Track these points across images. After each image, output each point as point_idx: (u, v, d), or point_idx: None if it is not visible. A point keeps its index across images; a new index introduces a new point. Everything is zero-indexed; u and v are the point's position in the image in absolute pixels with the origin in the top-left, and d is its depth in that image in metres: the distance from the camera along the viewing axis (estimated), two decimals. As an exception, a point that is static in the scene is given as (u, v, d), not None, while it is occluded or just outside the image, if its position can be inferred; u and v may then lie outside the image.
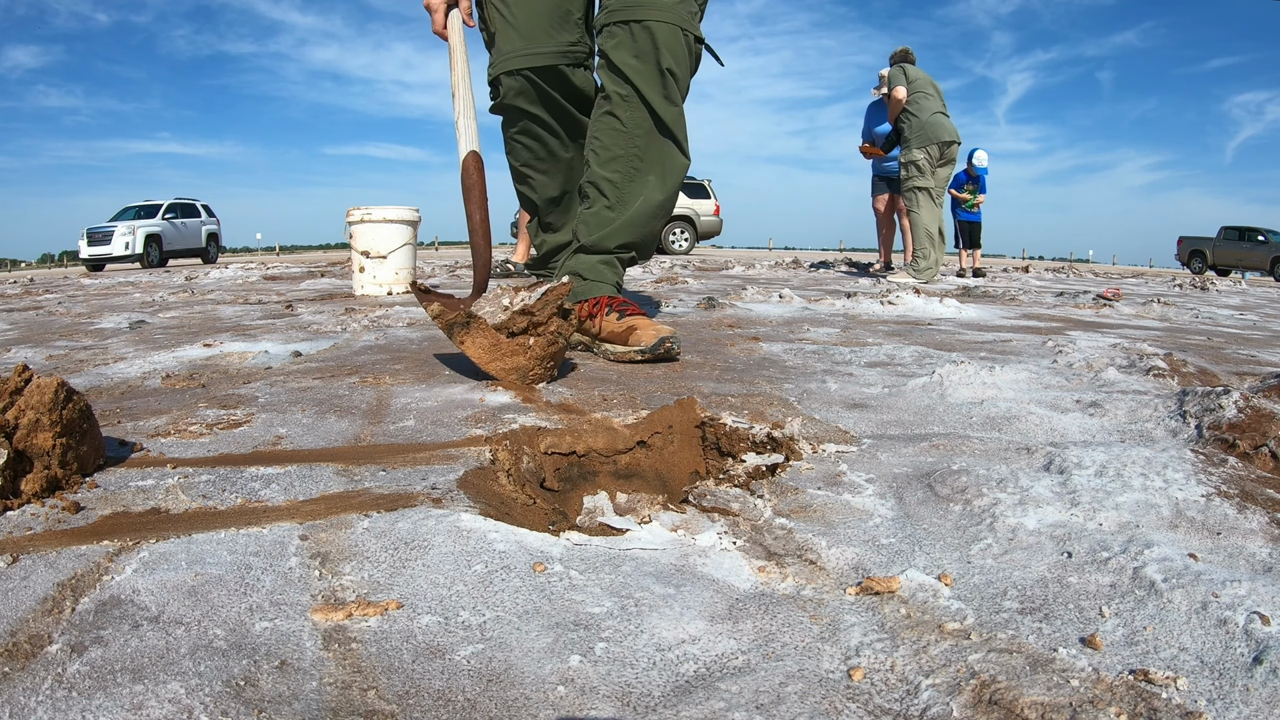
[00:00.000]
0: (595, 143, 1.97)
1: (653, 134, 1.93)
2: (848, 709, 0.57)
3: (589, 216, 2.00)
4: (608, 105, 1.94)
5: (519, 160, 2.25)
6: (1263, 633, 0.63)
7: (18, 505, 0.89)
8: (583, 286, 1.99)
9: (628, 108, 1.91)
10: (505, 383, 1.58)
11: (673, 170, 1.99)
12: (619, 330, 1.90)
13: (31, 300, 4.11)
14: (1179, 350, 2.08)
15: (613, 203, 1.97)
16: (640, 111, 1.91)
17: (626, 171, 1.94)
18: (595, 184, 1.99)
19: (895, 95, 5.94)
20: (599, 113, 1.97)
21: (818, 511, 0.94)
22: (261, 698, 0.56)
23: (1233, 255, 19.96)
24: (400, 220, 3.97)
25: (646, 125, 1.92)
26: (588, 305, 1.95)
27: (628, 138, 1.93)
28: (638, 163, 1.94)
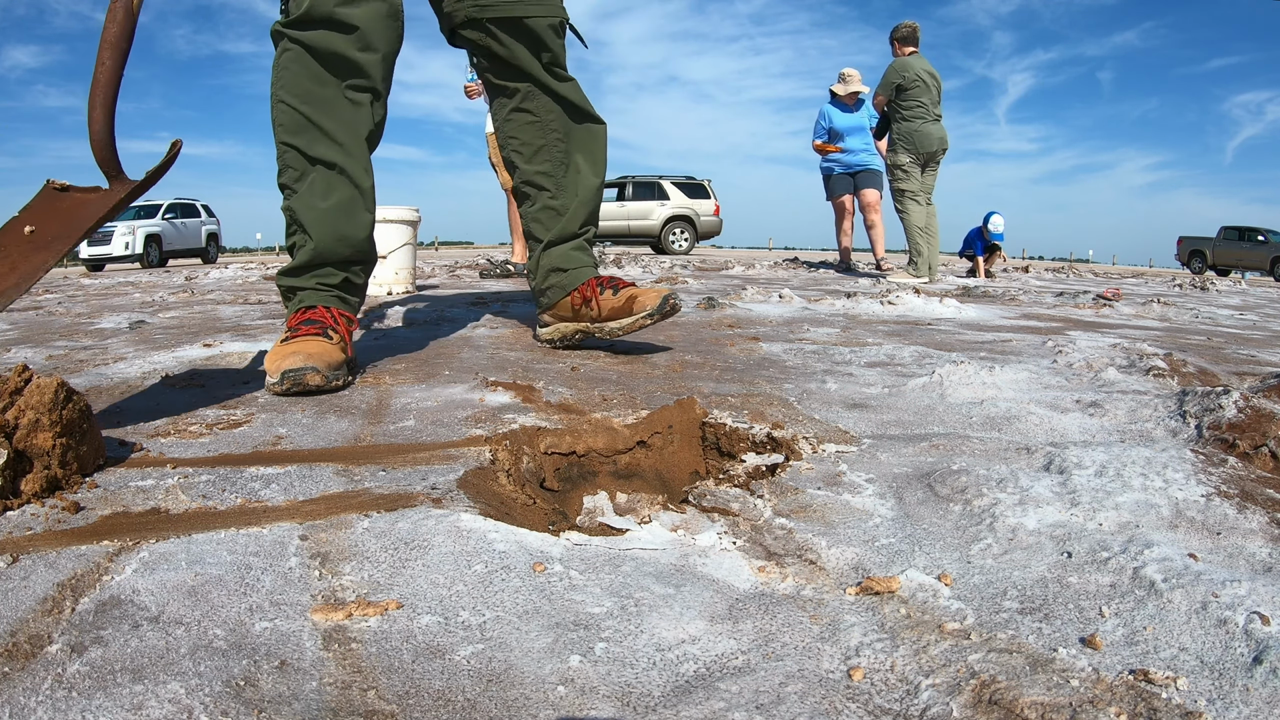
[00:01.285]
0: (514, 142, 1.97)
1: (563, 116, 1.93)
2: (848, 709, 0.57)
3: (538, 214, 1.99)
4: (512, 102, 1.93)
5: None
6: (1263, 633, 0.63)
7: (18, 505, 0.89)
8: (566, 278, 1.95)
9: (533, 100, 1.91)
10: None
11: (596, 143, 2.00)
12: (620, 304, 1.89)
13: (31, 300, 4.11)
14: (1179, 350, 2.08)
15: (555, 193, 1.97)
16: (544, 99, 1.91)
17: (556, 159, 1.95)
18: (530, 182, 1.98)
19: (876, 102, 6.00)
20: (504, 112, 1.96)
21: (818, 511, 0.94)
22: (261, 698, 0.56)
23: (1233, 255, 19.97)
24: (400, 220, 3.97)
25: (556, 110, 1.92)
26: (579, 293, 1.93)
27: (542, 127, 1.93)
28: (562, 146, 1.95)
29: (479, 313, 3.00)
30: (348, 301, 1.79)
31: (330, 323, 1.64)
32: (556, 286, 1.98)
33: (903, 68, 5.74)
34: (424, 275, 5.38)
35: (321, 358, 1.50)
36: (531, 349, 2.10)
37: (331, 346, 1.56)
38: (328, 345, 1.55)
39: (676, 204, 16.40)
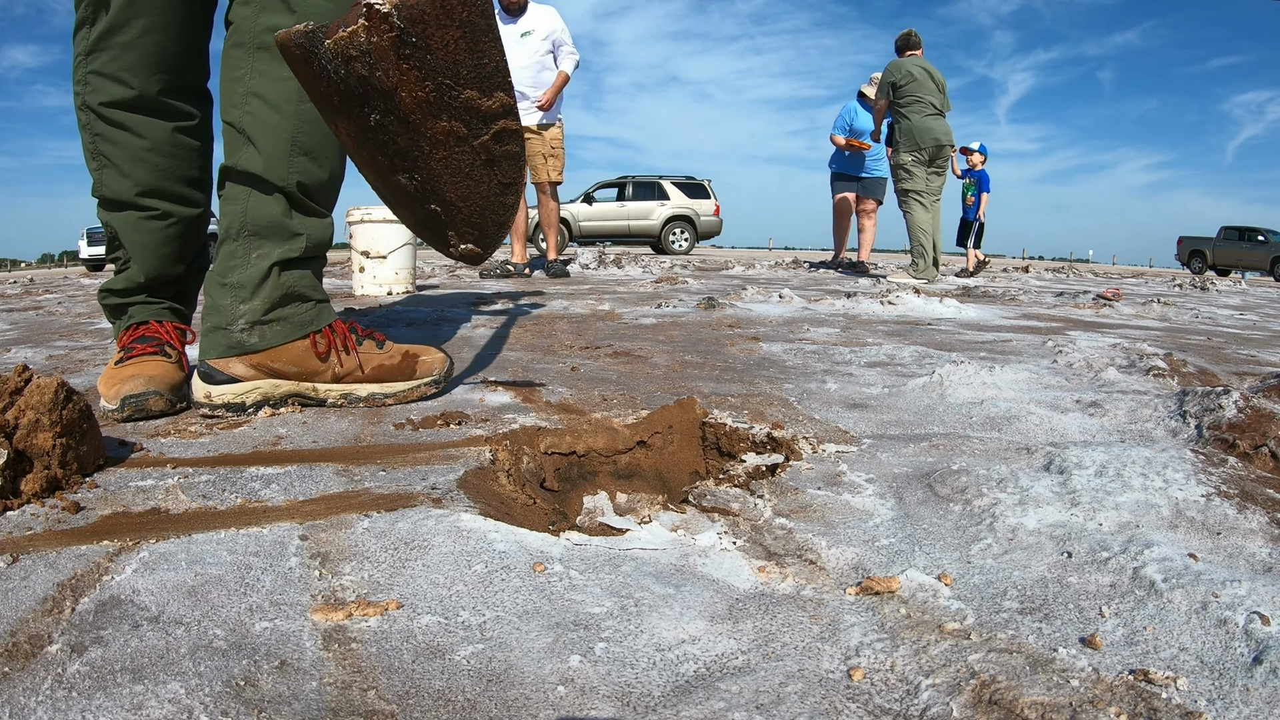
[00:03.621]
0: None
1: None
2: (848, 709, 0.57)
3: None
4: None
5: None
6: (1263, 633, 0.63)
7: (18, 505, 0.89)
8: (308, 312, 1.41)
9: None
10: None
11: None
12: (396, 363, 1.45)
13: (31, 300, 4.11)
14: (1179, 350, 2.08)
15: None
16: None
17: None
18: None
19: (877, 106, 5.98)
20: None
21: (818, 511, 0.94)
22: (261, 698, 0.56)
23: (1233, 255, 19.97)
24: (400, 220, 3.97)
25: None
26: (324, 337, 1.41)
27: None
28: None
29: (479, 313, 3.01)
30: (180, 312, 1.59)
31: (166, 338, 1.48)
32: (289, 321, 1.37)
33: (895, 67, 5.72)
34: (424, 275, 5.38)
35: (163, 380, 1.37)
36: (531, 349, 2.10)
37: (171, 366, 1.43)
38: (167, 365, 1.42)
39: (676, 204, 16.41)
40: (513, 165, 1.11)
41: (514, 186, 1.14)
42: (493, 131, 1.06)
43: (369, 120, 1.05)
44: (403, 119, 1.04)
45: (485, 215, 1.16)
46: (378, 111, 1.04)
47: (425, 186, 1.12)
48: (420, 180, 1.11)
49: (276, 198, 1.37)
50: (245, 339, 1.35)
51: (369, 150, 1.11)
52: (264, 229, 1.36)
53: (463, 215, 1.15)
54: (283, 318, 1.37)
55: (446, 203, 1.13)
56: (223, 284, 1.35)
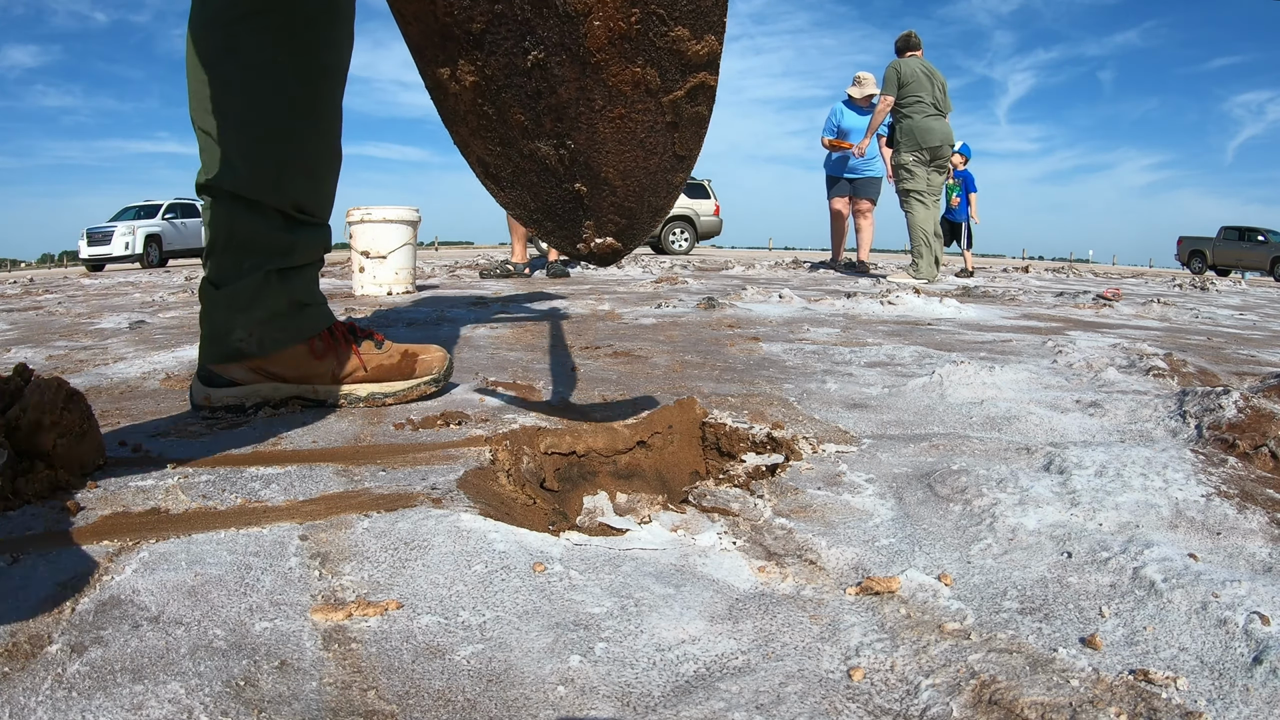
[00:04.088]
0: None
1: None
2: (848, 709, 0.57)
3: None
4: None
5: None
6: (1263, 633, 0.63)
7: (18, 505, 0.89)
8: (308, 315, 1.39)
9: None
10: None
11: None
12: (395, 363, 1.44)
13: (31, 300, 4.11)
14: (1179, 350, 2.08)
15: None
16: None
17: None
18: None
19: (882, 103, 5.93)
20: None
21: (818, 511, 0.94)
22: (261, 698, 0.56)
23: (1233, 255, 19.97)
24: (400, 220, 3.97)
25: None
26: (322, 340, 1.39)
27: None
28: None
29: (479, 313, 3.01)
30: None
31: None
32: (287, 327, 1.35)
33: (898, 65, 5.73)
34: (424, 275, 5.38)
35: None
36: (531, 349, 2.10)
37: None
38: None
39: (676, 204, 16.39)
40: (696, 133, 0.92)
41: (688, 161, 0.95)
42: (688, 86, 0.86)
43: (522, 60, 0.83)
44: (580, 59, 0.83)
45: (643, 198, 0.95)
46: (543, 47, 0.82)
47: (577, 157, 0.91)
48: (574, 148, 0.90)
49: (270, 216, 1.30)
50: (244, 347, 1.33)
51: (503, 103, 0.87)
52: (255, 243, 1.30)
53: (615, 197, 0.94)
54: (281, 324, 1.34)
55: (599, 180, 0.92)
56: (217, 292, 1.31)
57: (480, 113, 0.90)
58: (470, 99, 0.89)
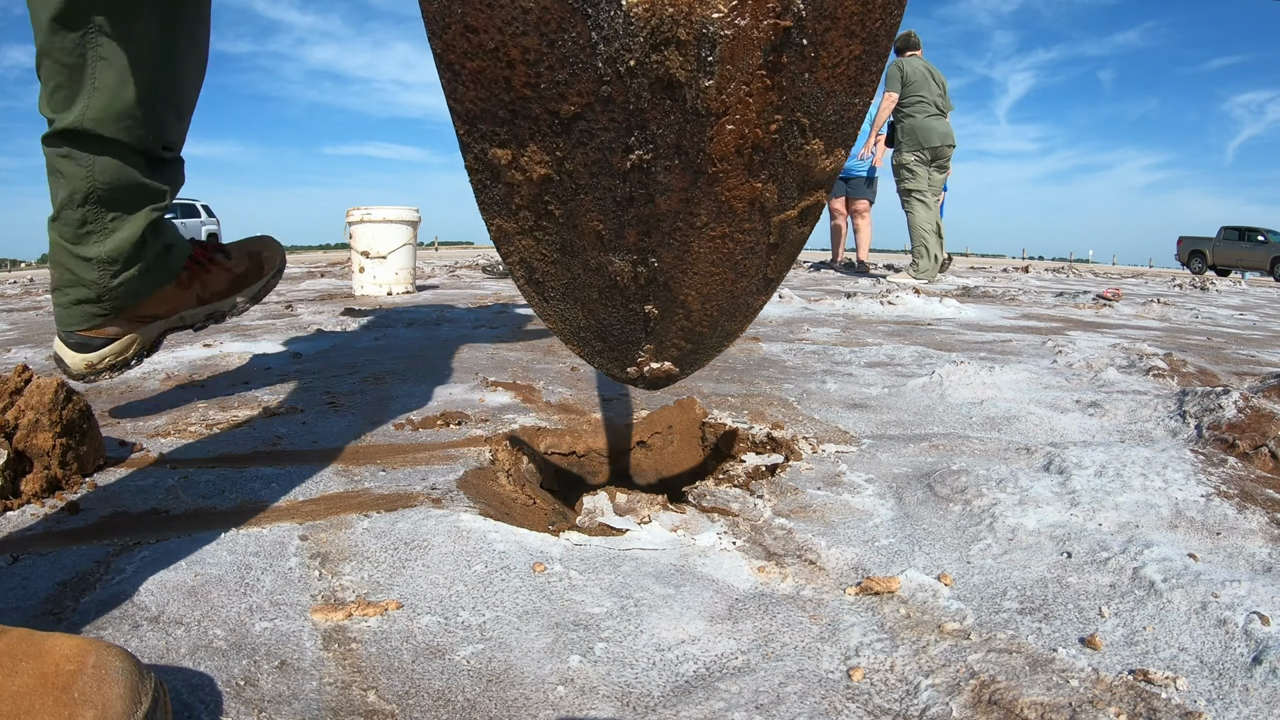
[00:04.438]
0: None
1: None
2: (847, 709, 0.57)
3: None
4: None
5: None
6: (1262, 633, 0.63)
7: (18, 505, 0.89)
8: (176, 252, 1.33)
9: None
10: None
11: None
12: (246, 268, 1.43)
13: (31, 300, 4.11)
14: (1179, 350, 2.08)
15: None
16: None
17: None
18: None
19: (885, 101, 5.92)
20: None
21: (817, 511, 0.94)
22: (261, 698, 0.56)
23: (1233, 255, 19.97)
24: (400, 220, 3.97)
25: None
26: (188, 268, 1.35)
27: None
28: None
29: (479, 313, 3.01)
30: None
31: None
32: (157, 272, 1.28)
33: (900, 64, 5.72)
34: (424, 275, 5.38)
35: None
36: (531, 349, 2.10)
37: None
38: None
39: (676, 204, 16.40)
40: (793, 255, 0.80)
41: (776, 285, 0.82)
42: (803, 205, 0.75)
43: (620, 159, 0.66)
44: (695, 167, 0.68)
45: (719, 323, 0.82)
46: (651, 147, 0.66)
47: (657, 276, 0.76)
48: (656, 267, 0.75)
49: (134, 159, 1.15)
50: (120, 304, 1.23)
51: (578, 206, 0.70)
52: (120, 194, 1.15)
53: (688, 322, 0.81)
54: (158, 268, 1.27)
55: (675, 303, 0.78)
56: (83, 258, 1.17)
57: (543, 211, 0.72)
58: (533, 193, 0.70)
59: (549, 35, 0.59)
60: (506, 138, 0.66)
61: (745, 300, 0.80)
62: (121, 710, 0.46)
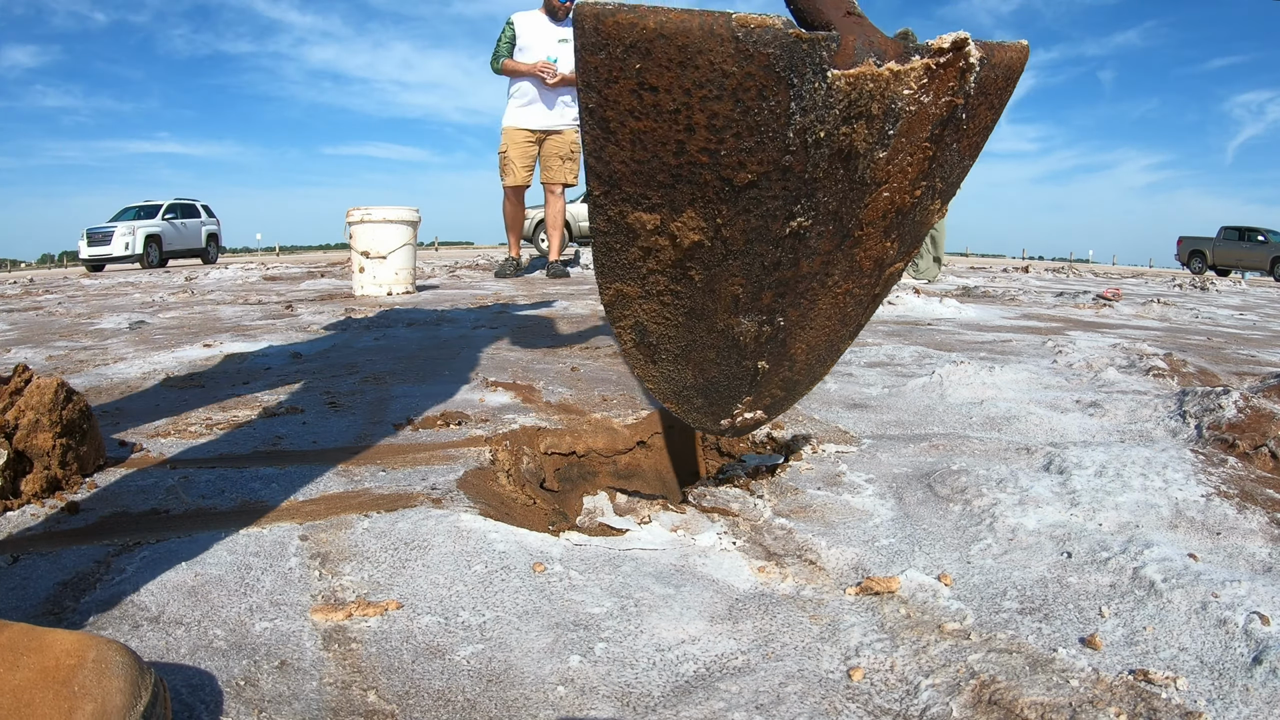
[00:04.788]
0: None
1: None
2: (847, 709, 0.57)
3: None
4: None
5: None
6: (1262, 633, 0.63)
7: (18, 505, 0.89)
8: None
9: None
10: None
11: None
12: None
13: (31, 300, 4.11)
14: (1179, 350, 2.08)
15: None
16: None
17: None
18: None
19: None
20: None
21: (817, 512, 0.94)
22: (261, 698, 0.56)
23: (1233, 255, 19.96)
24: (400, 220, 3.97)
25: None
26: None
27: None
28: None
29: (479, 313, 3.01)
30: None
31: None
32: None
33: None
34: (424, 275, 5.38)
35: None
36: (531, 349, 2.10)
37: None
38: None
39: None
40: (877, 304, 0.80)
41: (860, 330, 0.84)
42: (908, 259, 0.77)
43: (781, 225, 0.65)
44: (845, 231, 0.68)
45: (814, 369, 0.84)
46: (814, 214, 0.65)
47: (779, 334, 0.75)
48: (782, 325, 0.75)
49: None
50: None
51: (724, 271, 0.67)
52: None
53: (790, 372, 0.82)
54: None
55: (785, 356, 0.79)
56: None
57: (681, 276, 0.68)
58: (675, 258, 0.66)
59: (746, 102, 0.56)
60: (659, 202, 0.62)
61: (840, 346, 0.82)
62: (121, 704, 0.47)
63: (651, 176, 0.61)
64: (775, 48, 0.55)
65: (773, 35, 0.54)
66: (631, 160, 0.60)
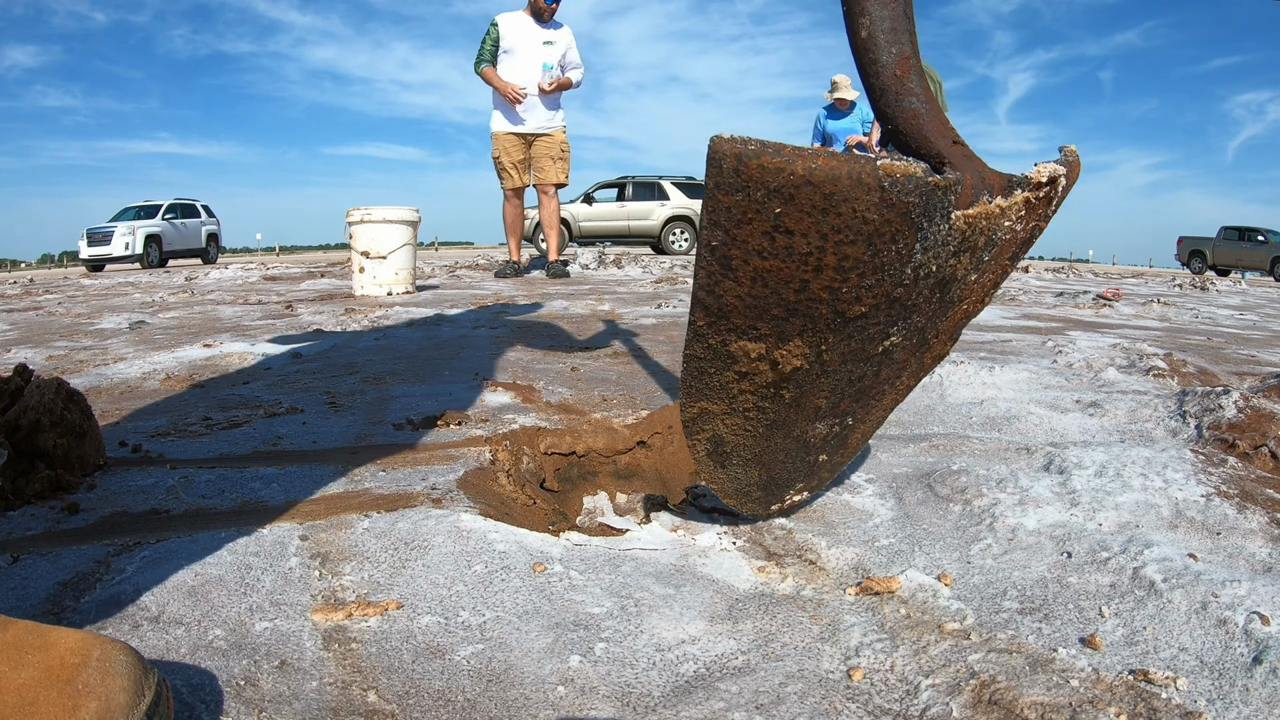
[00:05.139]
0: None
1: None
2: (847, 709, 0.57)
3: None
4: None
5: None
6: (1262, 633, 0.63)
7: (18, 505, 0.89)
8: None
9: None
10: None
11: None
12: None
13: (31, 301, 4.11)
14: (1179, 350, 2.08)
15: None
16: None
17: None
18: None
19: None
20: None
21: (817, 511, 0.94)
22: (262, 697, 0.56)
23: (1233, 255, 19.96)
24: (400, 220, 3.97)
25: None
26: None
27: None
28: None
29: (479, 313, 3.01)
30: None
31: None
32: None
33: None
34: (424, 275, 5.38)
35: None
36: (531, 349, 2.10)
37: None
38: None
39: (677, 204, 16.43)
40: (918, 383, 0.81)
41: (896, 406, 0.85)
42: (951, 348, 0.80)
43: (876, 346, 0.67)
44: (923, 342, 0.72)
45: (854, 453, 0.86)
46: (905, 332, 0.67)
47: (845, 430, 0.78)
48: (850, 425, 0.78)
49: None
50: None
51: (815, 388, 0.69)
52: None
53: (840, 458, 0.84)
54: None
55: (842, 447, 0.82)
56: None
57: (773, 395, 0.68)
58: (772, 381, 0.66)
59: (877, 246, 0.56)
60: (766, 333, 0.62)
61: (879, 422, 0.84)
62: (124, 703, 0.47)
63: (765, 310, 0.60)
64: (916, 196, 0.55)
65: (915, 184, 0.54)
66: (748, 296, 0.59)
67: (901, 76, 0.62)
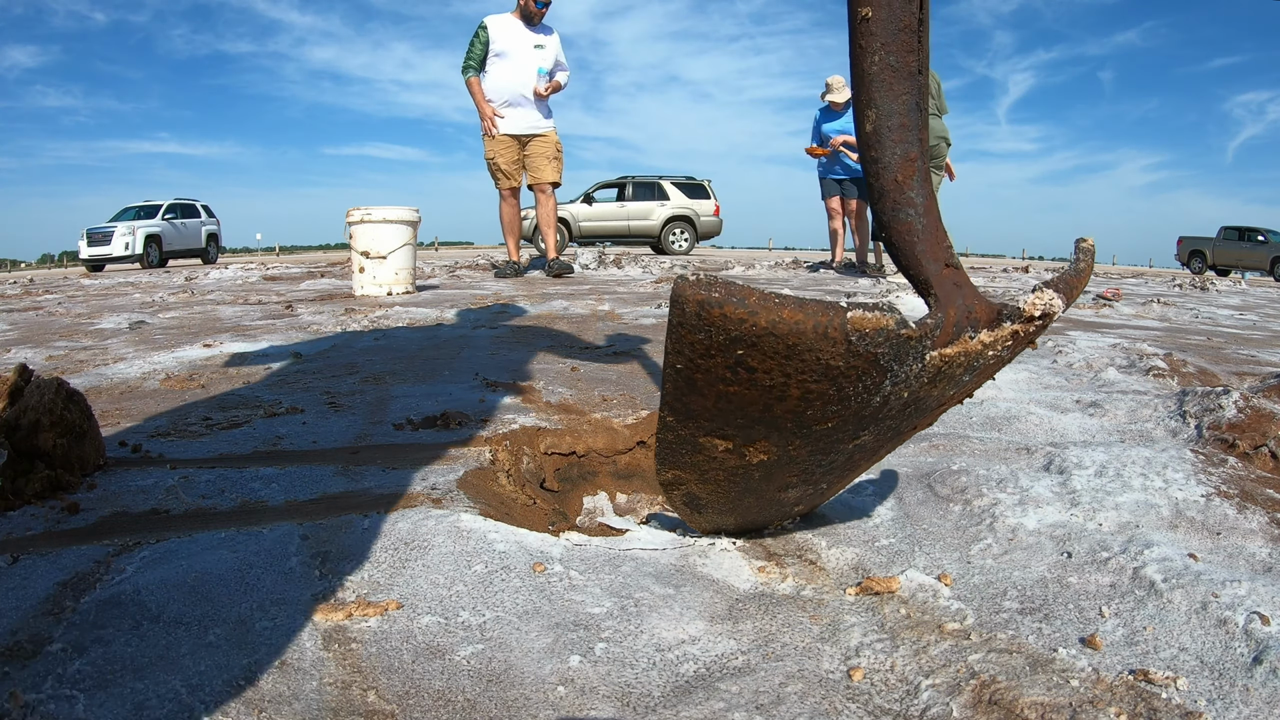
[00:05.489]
0: None
1: None
2: (848, 709, 0.57)
3: None
4: None
5: None
6: (1262, 633, 0.63)
7: (18, 505, 0.89)
8: None
9: None
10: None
11: None
12: None
13: (31, 301, 4.11)
14: (1179, 350, 2.08)
15: None
16: None
17: None
18: None
19: None
20: None
21: (817, 511, 0.94)
22: (262, 697, 0.56)
23: (1233, 255, 19.96)
24: (400, 220, 3.97)
25: None
26: None
27: None
28: None
29: (479, 313, 3.01)
30: None
31: None
32: None
33: None
34: (424, 275, 5.38)
35: None
36: (531, 349, 2.10)
37: None
38: None
39: (676, 204, 16.43)
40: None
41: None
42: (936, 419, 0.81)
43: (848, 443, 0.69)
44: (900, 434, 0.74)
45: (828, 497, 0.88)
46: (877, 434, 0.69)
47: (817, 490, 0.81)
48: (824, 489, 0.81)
49: None
50: None
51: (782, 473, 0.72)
52: None
53: (816, 501, 0.87)
54: None
55: (820, 498, 0.86)
56: None
57: (742, 475, 0.71)
58: (738, 467, 0.69)
59: (843, 385, 0.56)
60: (733, 434, 0.63)
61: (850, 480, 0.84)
62: None
63: (731, 420, 0.61)
64: (886, 347, 0.54)
65: (885, 337, 0.54)
66: (713, 409, 0.60)
67: (903, 182, 0.61)
